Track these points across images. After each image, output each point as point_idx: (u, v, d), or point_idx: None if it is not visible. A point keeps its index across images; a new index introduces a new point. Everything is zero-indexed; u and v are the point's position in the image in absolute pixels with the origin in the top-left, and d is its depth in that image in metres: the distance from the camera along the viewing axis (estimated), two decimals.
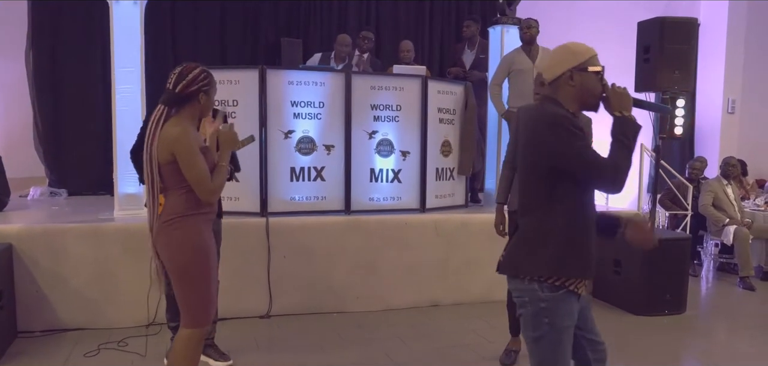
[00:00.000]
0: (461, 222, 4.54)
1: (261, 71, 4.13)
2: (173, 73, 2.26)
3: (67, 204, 4.96)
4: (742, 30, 7.67)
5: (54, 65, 5.55)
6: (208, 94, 2.29)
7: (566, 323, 1.80)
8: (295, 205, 4.28)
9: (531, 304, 1.80)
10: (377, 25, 6.61)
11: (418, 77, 4.57)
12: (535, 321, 1.80)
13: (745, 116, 7.79)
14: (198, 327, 2.29)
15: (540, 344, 1.81)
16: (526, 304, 1.82)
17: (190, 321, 2.28)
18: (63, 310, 3.74)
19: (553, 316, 1.77)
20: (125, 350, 3.47)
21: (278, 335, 3.83)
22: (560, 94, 1.83)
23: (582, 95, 1.81)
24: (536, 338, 1.81)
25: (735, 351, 3.80)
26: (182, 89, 2.22)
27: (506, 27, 5.05)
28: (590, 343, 1.96)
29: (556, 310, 1.77)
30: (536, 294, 1.78)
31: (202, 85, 2.26)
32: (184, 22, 5.98)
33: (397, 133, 4.49)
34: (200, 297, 2.26)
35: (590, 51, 1.82)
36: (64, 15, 5.53)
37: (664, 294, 4.38)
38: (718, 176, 5.88)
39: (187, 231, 2.21)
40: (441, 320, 4.17)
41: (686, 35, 4.22)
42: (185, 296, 2.26)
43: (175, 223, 2.21)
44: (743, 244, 5.40)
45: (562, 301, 1.77)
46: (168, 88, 2.24)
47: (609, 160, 1.73)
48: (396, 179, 4.52)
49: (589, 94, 1.81)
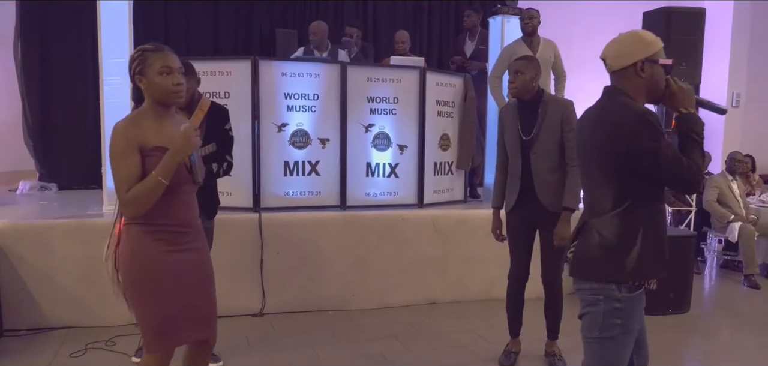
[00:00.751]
0: (460, 218, 4.43)
1: (253, 62, 4.01)
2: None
3: (57, 199, 4.86)
4: (747, 23, 7.53)
5: (43, 58, 5.44)
6: (146, 75, 1.94)
7: (636, 325, 1.79)
8: (289, 201, 4.17)
9: (604, 303, 1.75)
10: (374, 18, 6.50)
11: (416, 69, 4.45)
12: (606, 321, 1.75)
13: (750, 111, 7.66)
14: (149, 352, 2.02)
15: (606, 345, 1.77)
16: (599, 303, 1.76)
17: (145, 344, 2.05)
18: (50, 308, 3.64)
19: (626, 317, 1.74)
20: (113, 350, 3.37)
21: (271, 334, 3.73)
22: (627, 84, 1.74)
23: (650, 88, 1.74)
24: (604, 339, 1.76)
25: (739, 351, 3.71)
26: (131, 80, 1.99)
27: (507, 17, 4.92)
28: (638, 349, 1.89)
29: (630, 311, 1.75)
30: (613, 294, 1.74)
31: (136, 69, 1.95)
32: (176, 12, 5.86)
33: (395, 127, 4.37)
34: (147, 320, 2.00)
35: (659, 42, 1.76)
36: (52, 7, 5.42)
37: (667, 292, 4.27)
38: (723, 172, 5.77)
39: (131, 243, 1.96)
40: (438, 319, 4.07)
41: (693, 26, 4.10)
42: (136, 314, 2.02)
43: (125, 231, 1.98)
44: (748, 241, 5.29)
45: (637, 302, 1.77)
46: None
47: (690, 159, 1.66)
48: (393, 174, 4.41)
49: (656, 88, 1.74)
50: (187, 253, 2.05)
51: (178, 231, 2.02)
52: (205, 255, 2.15)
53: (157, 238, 1.97)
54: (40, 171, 5.50)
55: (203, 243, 2.15)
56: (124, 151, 1.90)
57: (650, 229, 1.74)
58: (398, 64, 4.63)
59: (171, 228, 2.00)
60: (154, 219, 1.96)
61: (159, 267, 1.98)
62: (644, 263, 1.72)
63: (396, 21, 6.44)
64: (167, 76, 1.94)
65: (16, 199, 4.80)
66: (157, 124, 1.99)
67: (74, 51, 5.47)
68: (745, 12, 7.50)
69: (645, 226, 1.73)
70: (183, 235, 2.04)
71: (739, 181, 5.75)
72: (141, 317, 2.01)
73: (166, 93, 1.95)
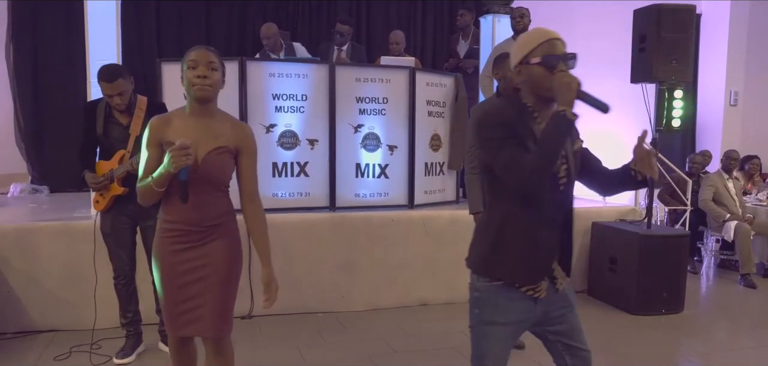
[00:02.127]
0: (451, 219, 4.40)
1: (241, 63, 3.99)
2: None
3: (47, 201, 4.85)
4: (744, 20, 7.47)
5: (35, 60, 5.45)
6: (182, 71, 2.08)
7: (495, 319, 1.75)
8: (278, 202, 4.14)
9: (469, 291, 1.82)
10: (368, 19, 6.47)
11: (406, 69, 4.42)
12: (470, 309, 1.81)
13: (748, 109, 7.60)
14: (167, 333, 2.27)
15: (472, 332, 1.82)
16: (470, 291, 1.83)
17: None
18: (35, 311, 3.62)
19: (482, 307, 1.77)
20: (97, 353, 3.34)
21: (259, 336, 3.70)
22: (522, 87, 1.74)
23: (533, 88, 1.69)
24: (470, 327, 1.83)
25: (733, 351, 3.66)
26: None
27: (497, 16, 4.89)
28: (569, 349, 1.83)
29: (486, 302, 1.76)
30: (474, 283, 1.79)
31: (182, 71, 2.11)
32: (168, 12, 5.84)
33: (384, 127, 4.34)
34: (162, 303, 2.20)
35: (539, 39, 1.66)
36: (44, 9, 5.41)
37: (660, 292, 4.23)
38: (719, 170, 5.72)
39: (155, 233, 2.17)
40: (429, 321, 4.03)
41: (684, 23, 4.05)
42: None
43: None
44: (744, 240, 5.24)
45: (494, 295, 1.74)
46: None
47: (532, 156, 1.59)
48: (383, 175, 4.38)
49: (539, 87, 1.67)
50: (196, 251, 2.07)
51: (186, 229, 2.07)
52: (218, 254, 2.11)
53: (166, 234, 2.09)
54: (31, 173, 5.49)
55: (223, 242, 2.13)
56: (146, 142, 2.04)
57: (504, 231, 1.70)
58: (388, 64, 4.60)
59: (179, 226, 2.07)
60: (164, 215, 2.10)
61: (166, 260, 2.10)
62: (487, 263, 1.74)
63: (389, 21, 6.42)
64: (193, 70, 1.99)
65: (7, 202, 4.80)
66: (188, 122, 2.04)
67: (66, 53, 5.46)
68: (742, 8, 7.44)
69: (498, 226, 1.71)
70: (192, 233, 2.07)
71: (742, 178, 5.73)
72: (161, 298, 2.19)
73: (189, 85, 2.00)
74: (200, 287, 2.10)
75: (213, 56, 2.01)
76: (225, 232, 2.13)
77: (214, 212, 2.10)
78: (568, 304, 1.82)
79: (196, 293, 2.10)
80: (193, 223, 2.05)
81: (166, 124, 2.04)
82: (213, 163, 2.05)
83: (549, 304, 1.76)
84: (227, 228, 2.14)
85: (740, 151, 6.16)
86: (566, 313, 1.81)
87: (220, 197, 2.12)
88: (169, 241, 2.07)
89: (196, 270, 2.09)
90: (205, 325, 2.14)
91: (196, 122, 2.03)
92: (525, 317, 1.76)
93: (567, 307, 1.82)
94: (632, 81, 4.38)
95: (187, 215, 2.05)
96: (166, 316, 2.17)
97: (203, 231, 2.07)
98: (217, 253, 2.11)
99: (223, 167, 2.08)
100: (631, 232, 4.31)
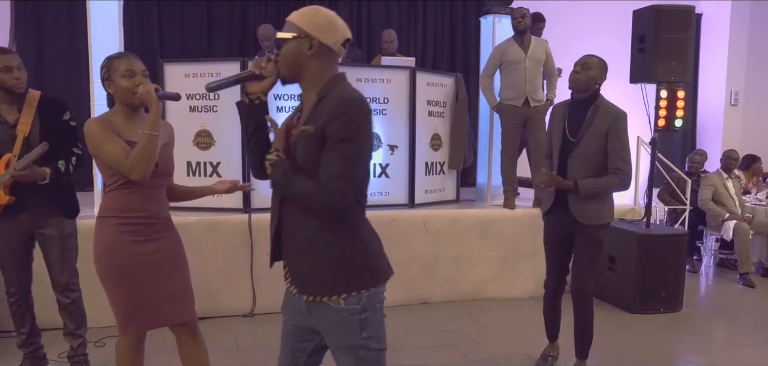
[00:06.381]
0: (451, 218, 4.43)
1: (242, 64, 4.01)
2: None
3: None
4: (745, 20, 7.50)
5: (37, 59, 5.46)
6: (112, 80, 2.12)
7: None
8: None
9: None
10: (368, 19, 6.48)
11: (407, 69, 4.45)
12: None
13: (749, 108, 7.63)
14: (122, 335, 2.20)
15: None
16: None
17: (118, 328, 2.21)
18: (40, 308, 3.63)
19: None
20: (102, 349, 3.38)
21: (261, 335, 3.73)
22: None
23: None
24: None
25: (731, 349, 3.68)
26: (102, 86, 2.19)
27: (498, 16, 4.91)
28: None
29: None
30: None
31: (104, 76, 2.15)
32: (170, 12, 5.87)
33: (385, 127, 4.36)
34: (119, 307, 2.15)
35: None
36: (47, 8, 5.44)
37: (659, 291, 4.26)
38: (719, 170, 5.74)
39: (103, 235, 2.12)
40: (429, 319, 4.06)
41: (683, 23, 4.06)
42: (109, 301, 2.19)
43: (98, 223, 2.15)
44: (743, 239, 5.26)
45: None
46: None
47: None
48: (383, 174, 4.40)
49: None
50: (155, 243, 2.17)
51: (147, 222, 2.15)
52: (174, 242, 2.27)
53: (127, 230, 2.10)
54: None
55: (173, 232, 2.28)
56: (104, 136, 2.05)
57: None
58: (389, 64, 4.62)
59: (140, 219, 2.13)
60: (123, 211, 2.10)
61: (128, 257, 2.10)
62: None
63: (390, 21, 6.43)
64: (130, 78, 2.09)
65: None
66: (127, 124, 2.14)
67: (69, 52, 5.49)
68: (743, 8, 7.46)
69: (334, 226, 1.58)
70: (152, 225, 2.16)
71: (745, 177, 5.74)
72: (113, 305, 2.16)
73: (129, 94, 2.09)
74: (169, 275, 2.20)
75: (142, 64, 2.15)
76: (171, 223, 2.29)
77: (165, 205, 2.26)
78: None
79: (166, 282, 2.18)
80: (152, 215, 2.16)
81: (110, 124, 2.10)
82: (168, 158, 2.21)
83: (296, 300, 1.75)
84: (170, 220, 2.29)
85: (740, 151, 6.18)
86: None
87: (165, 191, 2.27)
88: (129, 235, 2.10)
89: (161, 261, 2.17)
90: (186, 311, 2.25)
91: (134, 122, 2.14)
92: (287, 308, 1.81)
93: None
94: (631, 81, 4.40)
95: (147, 207, 2.14)
96: (131, 313, 2.14)
97: (160, 223, 2.19)
98: (174, 242, 2.26)
99: (172, 160, 2.27)
100: (630, 232, 4.33)
